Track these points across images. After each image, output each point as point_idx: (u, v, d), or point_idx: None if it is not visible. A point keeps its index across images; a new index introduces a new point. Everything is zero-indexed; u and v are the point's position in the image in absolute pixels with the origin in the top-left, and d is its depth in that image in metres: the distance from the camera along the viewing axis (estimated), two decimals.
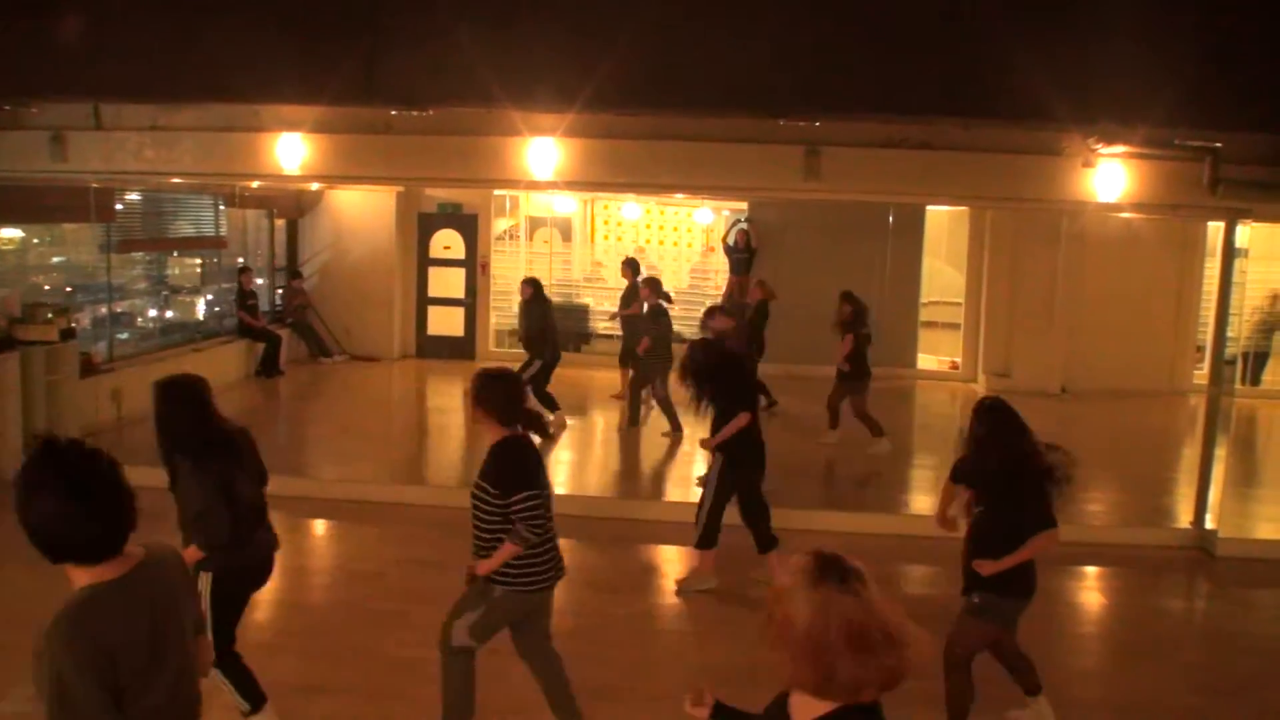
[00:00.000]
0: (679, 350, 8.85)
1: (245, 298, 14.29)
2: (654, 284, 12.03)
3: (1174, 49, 5.01)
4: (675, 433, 11.53)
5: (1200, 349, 14.67)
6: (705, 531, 7.26)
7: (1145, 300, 14.52)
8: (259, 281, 15.03)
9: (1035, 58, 4.99)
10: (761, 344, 12.45)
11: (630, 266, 13.16)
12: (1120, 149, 8.17)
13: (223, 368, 13.52)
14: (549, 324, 11.89)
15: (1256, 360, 14.55)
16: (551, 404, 11.60)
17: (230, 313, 14.51)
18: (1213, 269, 9.71)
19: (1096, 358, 14.28)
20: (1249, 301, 11.56)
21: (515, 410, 4.94)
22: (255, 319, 14.40)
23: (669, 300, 12.12)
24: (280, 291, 15.98)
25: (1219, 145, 8.08)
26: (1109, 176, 8.36)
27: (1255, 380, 14.59)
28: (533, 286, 11.90)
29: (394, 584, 7.38)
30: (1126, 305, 14.35)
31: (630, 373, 12.35)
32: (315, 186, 14.57)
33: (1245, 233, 8.98)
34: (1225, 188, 8.24)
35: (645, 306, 11.98)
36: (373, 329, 15.84)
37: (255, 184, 12.91)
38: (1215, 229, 9.58)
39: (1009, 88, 5.14)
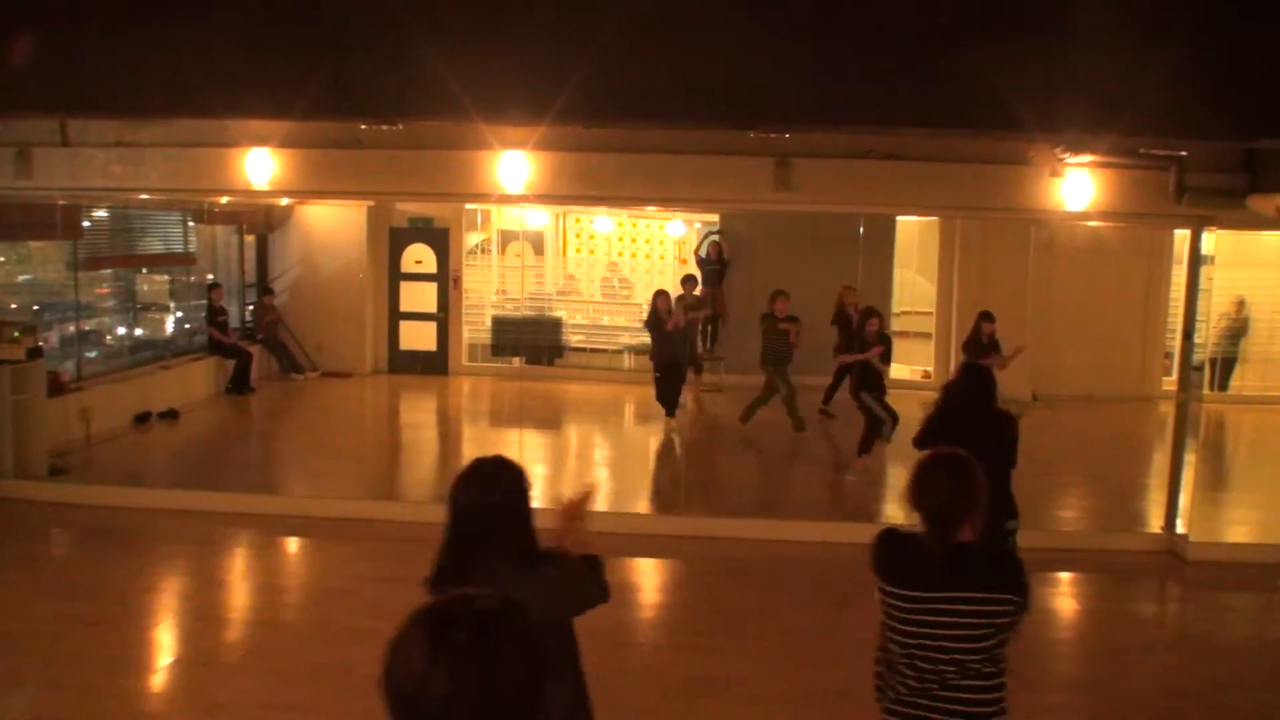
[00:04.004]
0: None
1: (215, 314, 14.18)
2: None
3: (1140, 60, 5.06)
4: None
5: (1169, 355, 14.78)
6: None
7: (1114, 307, 14.63)
8: (244, 300, 14.96)
9: (1003, 69, 5.02)
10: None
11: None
12: (1087, 158, 8.25)
13: (193, 385, 13.43)
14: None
15: (1224, 365, 14.68)
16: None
17: (200, 329, 14.40)
18: (1179, 276, 9.81)
19: (1067, 365, 14.37)
20: (1216, 308, 11.66)
21: None
22: (226, 335, 14.29)
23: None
24: (251, 308, 15.88)
25: (1184, 154, 8.18)
26: (1076, 186, 8.44)
27: (1223, 385, 14.71)
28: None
29: (366, 601, 7.32)
30: (1096, 313, 14.44)
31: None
32: (285, 202, 14.50)
33: (1210, 240, 9.08)
34: (1190, 196, 8.34)
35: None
36: (344, 344, 15.73)
37: (224, 200, 12.84)
38: (1182, 237, 9.68)
39: (976, 98, 5.16)
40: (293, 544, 8.83)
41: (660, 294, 12.66)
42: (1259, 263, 13.77)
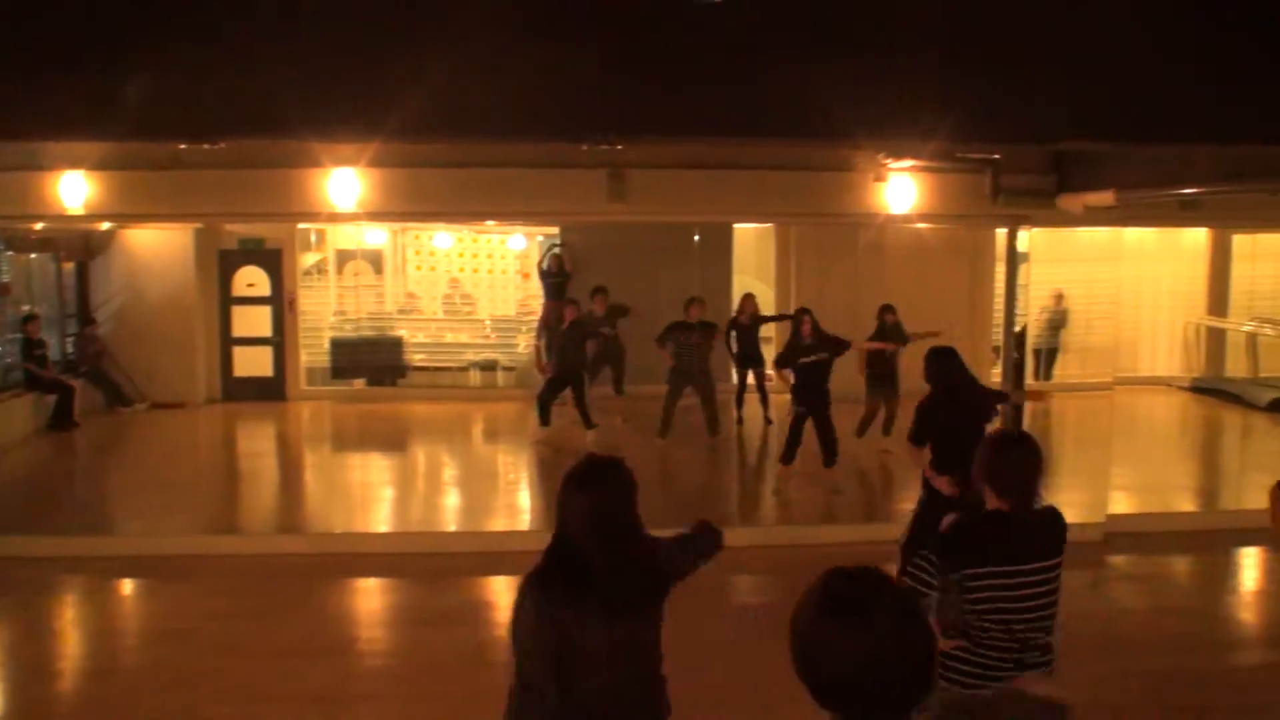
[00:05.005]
0: None
1: (32, 347, 13.43)
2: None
3: (956, 68, 5.25)
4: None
5: (996, 349, 15.40)
6: None
7: (943, 305, 15.15)
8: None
9: (826, 78, 5.15)
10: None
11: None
12: (908, 163, 8.56)
13: (9, 423, 12.71)
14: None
15: (1047, 356, 15.38)
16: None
17: (16, 364, 13.64)
18: (1002, 273, 10.27)
19: (903, 362, 14.82)
20: (1036, 302, 12.20)
21: None
22: (44, 369, 13.57)
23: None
24: (72, 339, 15.12)
25: (998, 157, 8.56)
26: (899, 190, 8.76)
27: (1047, 375, 15.41)
28: None
29: (206, 640, 7.03)
30: (926, 310, 14.92)
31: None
32: (106, 226, 13.88)
33: (1026, 238, 9.52)
34: (1005, 197, 8.76)
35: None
36: (175, 374, 15.07)
37: (39, 225, 12.22)
38: (1001, 235, 10.15)
39: (801, 108, 5.29)
40: (127, 586, 8.43)
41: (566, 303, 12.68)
42: (1074, 258, 14.45)
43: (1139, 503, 10.27)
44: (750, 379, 13.21)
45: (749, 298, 13.40)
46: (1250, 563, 9.10)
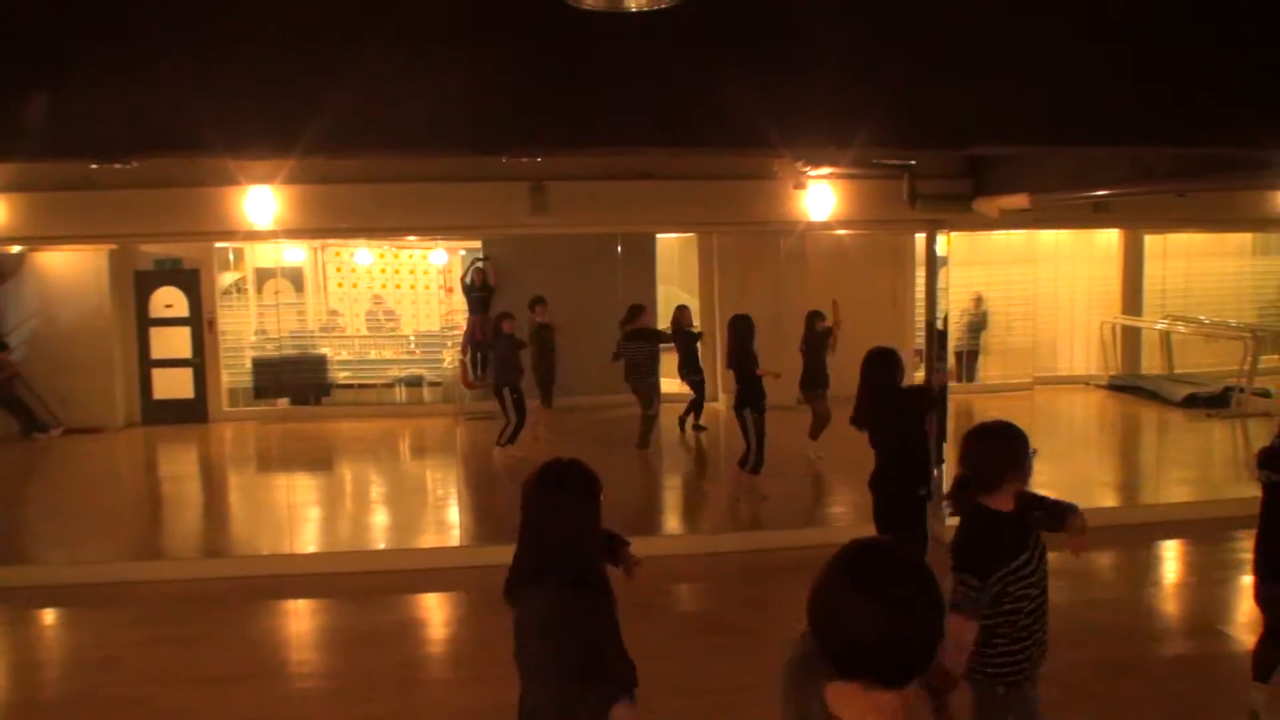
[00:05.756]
0: None
1: None
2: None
3: (871, 76, 5.33)
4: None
5: (919, 352, 15.61)
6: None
7: (865, 310, 15.32)
8: None
9: (743, 88, 5.20)
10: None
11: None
12: (826, 170, 8.67)
13: None
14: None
15: (969, 358, 15.64)
16: None
17: None
18: (922, 278, 10.43)
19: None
20: (956, 305, 12.40)
21: None
22: None
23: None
24: None
25: (914, 163, 8.70)
26: (819, 197, 8.86)
27: (969, 377, 15.68)
28: None
29: (131, 668, 6.89)
30: (848, 316, 15.11)
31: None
32: (15, 249, 13.53)
33: (944, 242, 9.68)
34: (922, 202, 8.92)
35: None
36: (92, 397, 14.70)
37: None
38: (920, 240, 10.31)
39: (719, 118, 5.33)
40: (49, 616, 8.22)
41: (502, 316, 12.62)
42: (992, 260, 14.74)
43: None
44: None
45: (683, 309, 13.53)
46: (1171, 555, 9.34)
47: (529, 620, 3.36)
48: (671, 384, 16.41)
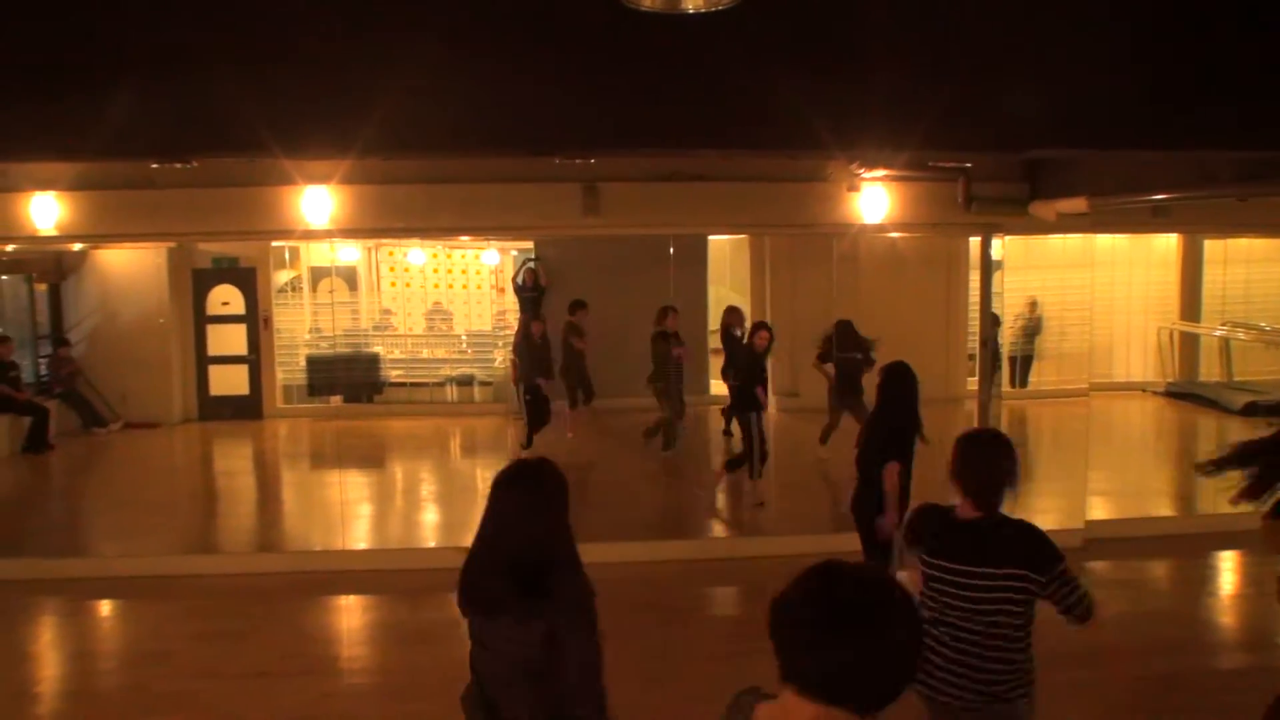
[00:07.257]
0: None
1: (5, 370, 13.32)
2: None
3: (928, 77, 5.28)
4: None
5: (972, 357, 15.46)
6: None
7: (918, 313, 15.21)
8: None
9: (798, 89, 5.17)
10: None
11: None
12: (881, 173, 8.60)
13: None
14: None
15: (1023, 363, 15.46)
16: None
17: None
18: (976, 281, 10.33)
19: (876, 372, 14.84)
20: (1010, 309, 12.27)
21: None
22: (18, 391, 13.45)
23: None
24: (46, 360, 15.00)
25: (969, 165, 8.61)
26: (873, 199, 8.79)
27: (1023, 382, 15.49)
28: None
29: (183, 662, 6.98)
30: (900, 320, 14.97)
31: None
32: (78, 247, 13.79)
33: (999, 246, 9.57)
34: (977, 205, 8.81)
35: None
36: (150, 394, 14.98)
37: (10, 247, 12.12)
38: (975, 243, 10.21)
39: (774, 119, 5.31)
40: (104, 607, 8.36)
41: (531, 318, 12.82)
42: (1048, 265, 14.56)
43: (1117, 508, 10.31)
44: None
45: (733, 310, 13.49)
46: (1228, 566, 9.16)
47: (558, 619, 3.21)
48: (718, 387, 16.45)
